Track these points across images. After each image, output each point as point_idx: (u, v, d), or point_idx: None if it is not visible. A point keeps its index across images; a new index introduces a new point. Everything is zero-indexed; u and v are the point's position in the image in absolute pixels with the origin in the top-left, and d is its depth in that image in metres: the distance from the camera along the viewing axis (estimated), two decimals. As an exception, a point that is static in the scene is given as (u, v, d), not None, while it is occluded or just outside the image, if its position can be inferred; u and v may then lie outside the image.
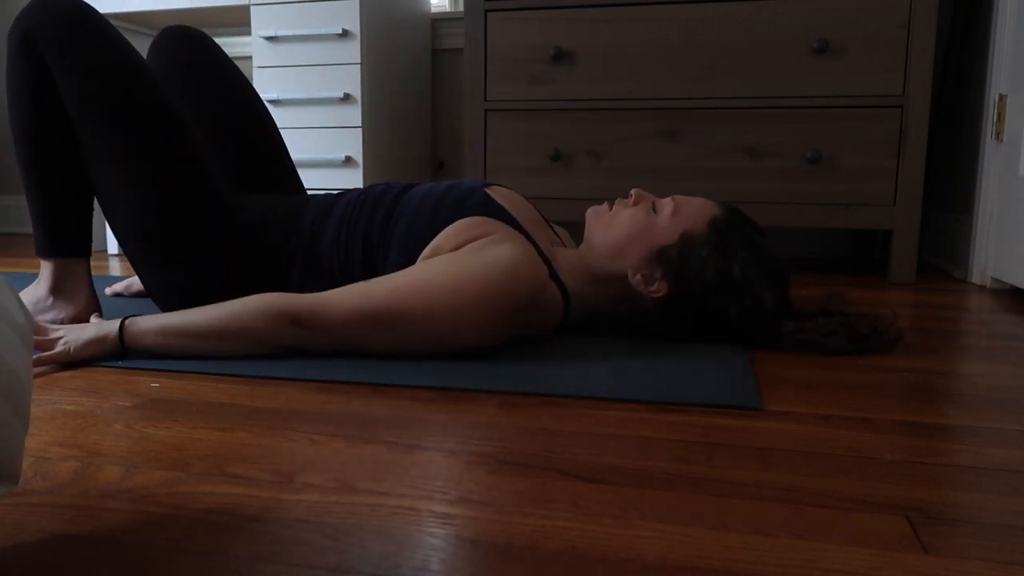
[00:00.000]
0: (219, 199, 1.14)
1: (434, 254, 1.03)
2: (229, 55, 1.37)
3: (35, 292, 1.16)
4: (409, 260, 1.05)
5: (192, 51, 1.32)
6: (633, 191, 1.13)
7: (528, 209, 1.15)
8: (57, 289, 1.15)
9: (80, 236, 1.16)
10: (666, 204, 1.09)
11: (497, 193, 1.12)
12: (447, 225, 1.05)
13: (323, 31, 2.03)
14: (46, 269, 1.15)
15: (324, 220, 1.14)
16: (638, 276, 1.07)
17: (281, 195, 1.25)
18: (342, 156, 2.07)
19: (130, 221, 1.12)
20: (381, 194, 1.14)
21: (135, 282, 1.51)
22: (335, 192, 1.20)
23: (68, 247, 1.15)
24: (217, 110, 1.31)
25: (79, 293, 1.16)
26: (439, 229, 1.05)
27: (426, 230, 1.05)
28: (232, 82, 1.34)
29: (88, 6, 1.11)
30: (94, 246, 2.43)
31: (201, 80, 1.31)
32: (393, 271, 1.06)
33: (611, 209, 1.13)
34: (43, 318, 1.15)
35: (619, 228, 1.09)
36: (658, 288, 1.06)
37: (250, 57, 2.65)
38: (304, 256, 1.13)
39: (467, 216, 1.05)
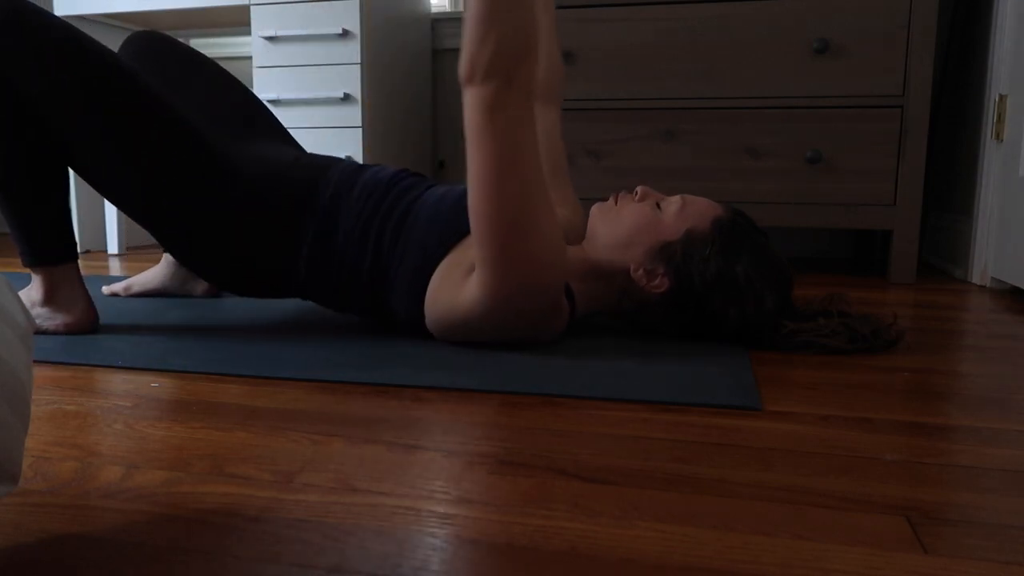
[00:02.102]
0: (219, 157, 1.11)
1: (457, 263, 1.03)
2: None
3: (29, 298, 1.14)
4: (427, 256, 1.05)
5: (175, 50, 1.32)
6: (639, 188, 1.13)
7: None
8: (52, 298, 1.13)
9: (64, 243, 1.13)
10: (673, 201, 1.10)
11: None
12: (459, 238, 1.05)
13: (323, 31, 2.03)
14: (37, 278, 1.13)
15: (344, 198, 1.12)
16: (640, 271, 1.07)
17: (294, 156, 1.20)
18: (342, 156, 2.07)
19: (127, 195, 1.10)
20: (402, 193, 1.12)
21: (134, 283, 1.51)
22: (353, 166, 1.18)
23: (54, 256, 1.12)
24: (208, 99, 1.30)
25: (75, 300, 1.14)
26: (463, 231, 1.05)
27: (448, 230, 1.05)
28: (222, 76, 1.33)
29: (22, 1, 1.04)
30: (94, 246, 2.43)
31: (190, 74, 1.30)
32: (410, 268, 1.06)
33: (615, 204, 1.14)
34: (43, 327, 1.14)
35: (624, 221, 1.10)
36: (660, 284, 1.06)
37: (250, 57, 2.65)
38: (318, 227, 1.11)
39: None
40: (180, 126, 1.09)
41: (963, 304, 1.50)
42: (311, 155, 1.20)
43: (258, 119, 1.33)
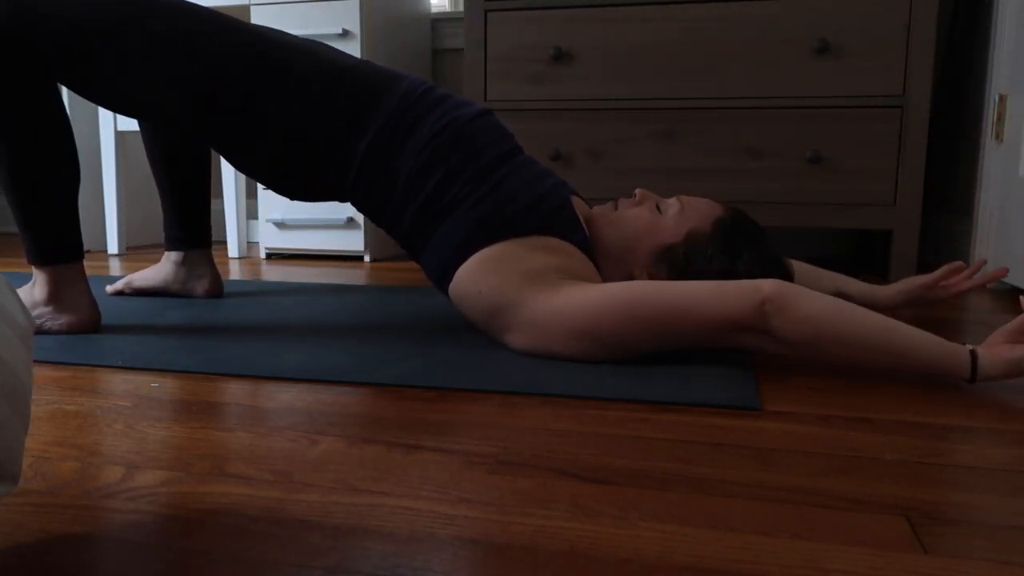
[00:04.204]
0: (270, 43, 1.09)
1: (521, 255, 1.02)
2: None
3: (31, 297, 1.14)
4: (494, 226, 1.04)
5: None
6: (637, 191, 1.13)
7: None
8: (56, 297, 1.13)
9: (71, 242, 1.13)
10: (672, 204, 1.10)
11: (579, 208, 1.14)
12: (536, 228, 1.05)
13: (323, 31, 2.03)
14: (41, 276, 1.13)
15: (419, 115, 1.09)
16: (644, 275, 1.07)
17: (354, 62, 1.15)
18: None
19: (177, 96, 1.07)
20: (489, 144, 1.10)
21: (135, 278, 1.51)
22: (426, 83, 1.15)
23: (60, 255, 1.12)
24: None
25: (79, 300, 1.14)
26: (527, 227, 1.04)
27: (529, 219, 1.04)
28: None
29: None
30: (94, 246, 2.43)
31: None
32: (469, 227, 1.04)
33: (615, 209, 1.14)
34: (46, 326, 1.14)
35: (625, 226, 1.10)
36: None
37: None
38: (381, 129, 1.08)
39: (556, 234, 1.06)
40: (225, 19, 1.08)
41: (963, 304, 1.50)
42: (372, 64, 1.16)
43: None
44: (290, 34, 1.16)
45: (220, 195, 2.78)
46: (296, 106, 1.07)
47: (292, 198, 1.17)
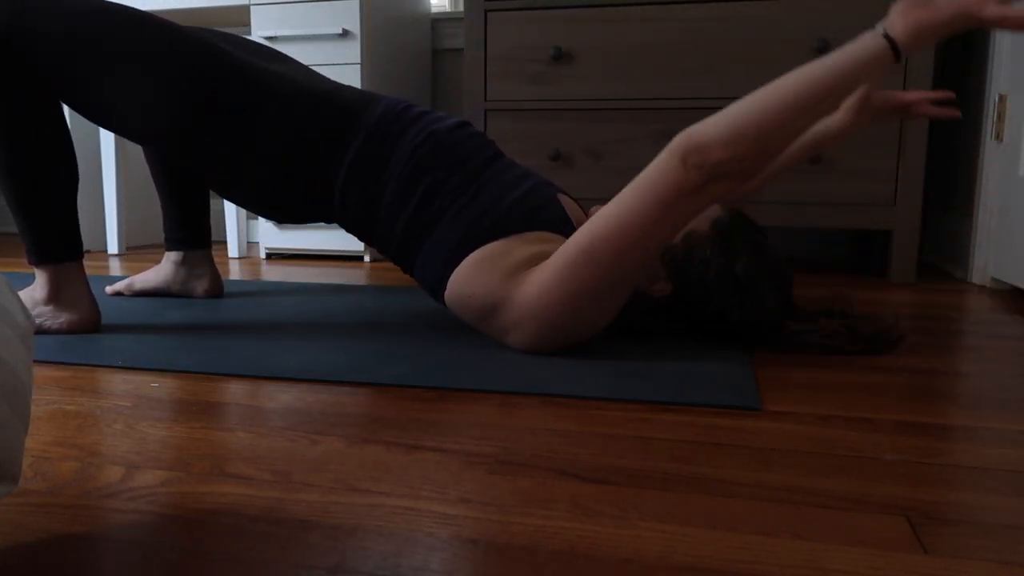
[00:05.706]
0: (250, 69, 1.10)
1: (505, 252, 1.02)
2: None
3: (32, 298, 1.14)
4: (469, 232, 1.04)
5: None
6: None
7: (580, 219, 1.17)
8: (56, 296, 1.13)
9: (70, 242, 1.13)
10: None
11: (568, 206, 1.14)
12: (520, 227, 1.04)
13: (323, 31, 2.03)
14: (41, 276, 1.13)
15: (397, 131, 1.10)
16: (643, 276, 1.07)
17: (334, 86, 1.17)
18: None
19: (162, 120, 1.08)
20: (471, 152, 1.10)
21: (136, 280, 1.51)
22: (404, 101, 1.15)
23: (59, 255, 1.12)
24: (236, 42, 1.30)
25: (80, 298, 1.15)
26: (512, 227, 1.04)
27: (504, 219, 1.04)
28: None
29: None
30: (94, 246, 2.43)
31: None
32: (453, 238, 1.04)
33: None
34: (46, 326, 1.14)
35: None
36: (662, 287, 1.06)
37: (250, 57, 2.65)
38: (361, 149, 1.09)
39: (541, 229, 1.05)
40: (205, 44, 1.09)
41: (963, 304, 1.50)
42: (351, 87, 1.17)
43: (289, 60, 1.31)
44: (277, 53, 1.18)
45: (220, 195, 2.78)
46: (290, 114, 1.09)
47: (282, 220, 1.16)
